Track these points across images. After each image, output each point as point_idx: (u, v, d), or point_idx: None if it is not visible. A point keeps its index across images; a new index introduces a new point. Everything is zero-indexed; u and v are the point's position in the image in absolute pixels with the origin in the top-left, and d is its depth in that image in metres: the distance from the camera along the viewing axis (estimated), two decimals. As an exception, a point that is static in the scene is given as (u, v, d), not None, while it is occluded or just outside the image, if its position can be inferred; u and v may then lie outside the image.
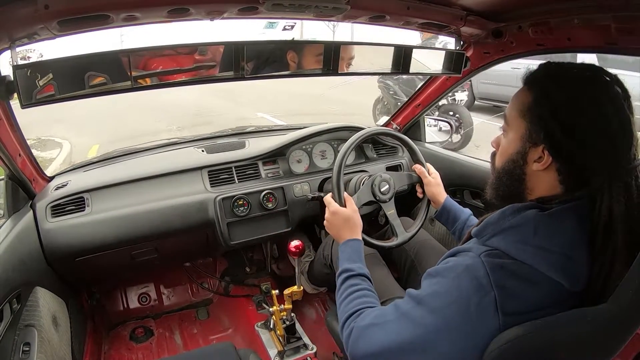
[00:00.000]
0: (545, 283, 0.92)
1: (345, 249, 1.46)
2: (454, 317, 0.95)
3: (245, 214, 2.11)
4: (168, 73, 1.39)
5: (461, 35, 1.88)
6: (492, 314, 0.91)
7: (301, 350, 2.10)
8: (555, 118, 0.95)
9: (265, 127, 2.83)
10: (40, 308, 1.64)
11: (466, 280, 0.95)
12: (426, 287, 1.04)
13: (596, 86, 0.94)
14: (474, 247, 1.04)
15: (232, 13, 1.38)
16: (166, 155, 2.35)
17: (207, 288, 2.79)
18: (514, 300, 0.92)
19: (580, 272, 0.93)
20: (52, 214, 1.85)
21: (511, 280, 0.92)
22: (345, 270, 1.35)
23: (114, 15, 1.21)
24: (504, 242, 0.98)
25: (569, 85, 0.96)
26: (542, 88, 0.99)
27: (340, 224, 1.55)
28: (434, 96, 2.43)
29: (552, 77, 1.00)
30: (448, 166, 2.38)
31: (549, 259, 0.92)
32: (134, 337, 2.45)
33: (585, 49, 1.59)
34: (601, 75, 0.96)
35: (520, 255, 0.94)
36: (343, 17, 1.54)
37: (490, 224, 1.04)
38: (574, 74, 0.98)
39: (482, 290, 0.92)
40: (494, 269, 0.93)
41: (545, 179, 1.01)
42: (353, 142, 1.77)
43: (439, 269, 1.04)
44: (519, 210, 1.00)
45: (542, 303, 0.92)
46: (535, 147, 0.99)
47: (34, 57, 1.36)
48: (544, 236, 0.94)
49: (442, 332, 0.95)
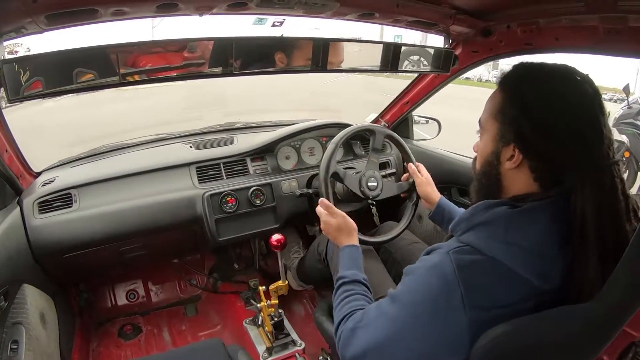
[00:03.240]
0: (515, 279, 0.93)
1: (342, 255, 1.47)
2: (422, 313, 0.97)
3: (234, 210, 2.11)
4: (157, 70, 1.38)
5: (450, 34, 1.89)
6: (459, 310, 0.93)
7: (289, 347, 2.10)
8: (524, 115, 0.96)
9: (254, 123, 2.82)
10: (28, 305, 1.63)
11: (434, 278, 0.98)
12: (401, 285, 1.08)
13: (565, 84, 0.95)
14: (445, 244, 1.06)
15: (221, 9, 1.38)
16: (154, 151, 2.35)
17: (196, 285, 2.78)
18: (481, 295, 0.93)
19: (551, 270, 0.94)
20: (39, 210, 1.83)
21: (479, 276, 0.94)
22: (340, 278, 1.37)
23: (103, 9, 1.21)
24: (476, 237, 0.99)
25: (538, 83, 0.97)
26: (513, 88, 1.01)
27: (335, 232, 1.56)
28: (422, 94, 2.44)
29: (522, 77, 1.01)
30: (436, 164, 2.39)
31: (519, 255, 0.93)
32: (122, 334, 2.44)
33: (573, 49, 1.61)
34: (571, 74, 0.97)
35: (491, 251, 0.95)
36: (332, 14, 1.55)
37: (463, 220, 1.06)
38: (544, 72, 0.99)
39: (449, 286, 0.94)
40: (461, 265, 0.95)
41: (520, 178, 1.02)
42: (341, 139, 1.77)
43: (413, 267, 1.08)
44: (490, 207, 1.02)
45: (511, 299, 0.93)
46: (507, 146, 1.00)
47: (21, 51, 1.35)
48: (514, 233, 0.95)
49: (413, 328, 0.98)
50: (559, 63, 1.01)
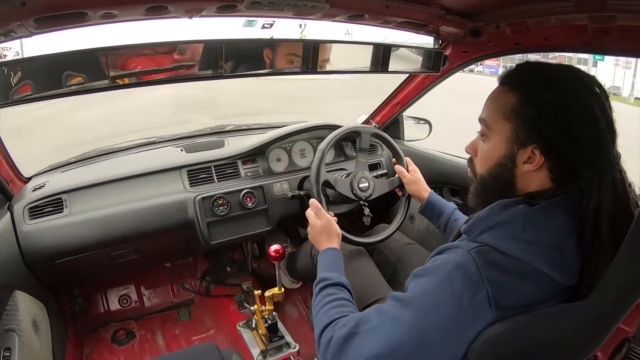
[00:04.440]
0: (538, 277, 0.92)
1: (323, 258, 1.45)
2: (448, 314, 0.93)
3: (225, 213, 2.10)
4: (146, 73, 1.38)
5: (440, 34, 1.90)
6: (485, 310, 0.91)
7: (284, 349, 2.11)
8: (544, 117, 0.95)
9: (245, 125, 2.82)
10: (20, 312, 1.62)
11: (457, 277, 0.94)
12: (414, 288, 1.02)
13: (578, 84, 0.96)
14: (462, 244, 1.03)
15: (210, 11, 1.37)
16: (145, 154, 2.34)
17: (188, 289, 2.76)
18: (507, 294, 0.92)
19: (572, 265, 0.93)
20: (30, 215, 1.82)
21: (503, 275, 0.92)
22: (322, 280, 1.33)
23: (92, 12, 1.20)
24: (494, 237, 0.98)
25: (553, 84, 0.97)
26: (526, 88, 0.99)
27: (317, 235, 1.55)
28: (412, 94, 2.45)
29: (534, 77, 1.00)
30: (427, 164, 2.39)
31: (540, 252, 0.92)
32: (115, 339, 2.42)
33: (562, 49, 1.62)
34: (581, 74, 0.98)
35: (511, 250, 0.94)
36: (322, 16, 1.55)
37: (480, 221, 1.04)
38: (556, 73, 0.99)
39: (474, 286, 0.92)
40: (484, 264, 0.93)
41: (536, 178, 1.01)
42: (332, 140, 1.78)
43: (427, 267, 1.03)
44: (507, 206, 1.00)
45: (536, 297, 0.93)
46: (524, 148, 0.99)
47: (10, 55, 1.34)
48: (533, 231, 0.94)
49: (436, 331, 0.94)
50: (563, 63, 1.01)
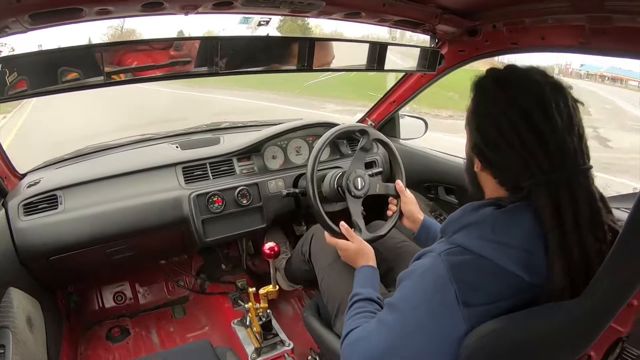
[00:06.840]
0: (506, 276, 0.94)
1: (358, 274, 1.52)
2: (422, 317, 0.99)
3: (220, 210, 2.10)
4: (142, 69, 1.37)
5: (436, 33, 1.91)
6: (455, 308, 0.94)
7: (278, 347, 2.11)
8: (477, 127, 1.01)
9: (240, 122, 2.81)
10: (15, 309, 1.61)
11: (429, 280, 1.00)
12: (396, 292, 1.09)
13: (523, 93, 0.95)
14: (436, 247, 1.07)
15: (206, 8, 1.37)
16: (140, 151, 2.33)
17: (183, 286, 2.77)
18: (474, 293, 0.95)
19: (540, 265, 0.94)
20: (24, 212, 1.81)
21: (471, 274, 0.95)
22: (355, 295, 1.39)
23: (87, 8, 1.20)
24: (466, 238, 1.00)
25: (497, 94, 0.99)
26: (476, 97, 1.05)
27: (353, 256, 1.62)
28: (408, 93, 2.45)
29: (482, 87, 1.04)
30: (423, 163, 2.40)
31: (509, 253, 0.94)
32: (110, 336, 2.42)
33: (559, 49, 1.62)
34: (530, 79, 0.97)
35: (482, 250, 0.96)
36: (318, 13, 1.55)
37: (452, 222, 1.07)
38: (507, 80, 1.00)
39: (443, 287, 0.96)
40: (453, 266, 0.96)
41: (488, 181, 1.06)
42: (327, 138, 1.77)
43: (408, 272, 1.09)
44: (477, 208, 1.04)
45: (504, 294, 0.95)
46: (473, 151, 1.05)
47: (5, 51, 1.33)
48: (502, 232, 0.96)
49: (415, 333, 1.00)
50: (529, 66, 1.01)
